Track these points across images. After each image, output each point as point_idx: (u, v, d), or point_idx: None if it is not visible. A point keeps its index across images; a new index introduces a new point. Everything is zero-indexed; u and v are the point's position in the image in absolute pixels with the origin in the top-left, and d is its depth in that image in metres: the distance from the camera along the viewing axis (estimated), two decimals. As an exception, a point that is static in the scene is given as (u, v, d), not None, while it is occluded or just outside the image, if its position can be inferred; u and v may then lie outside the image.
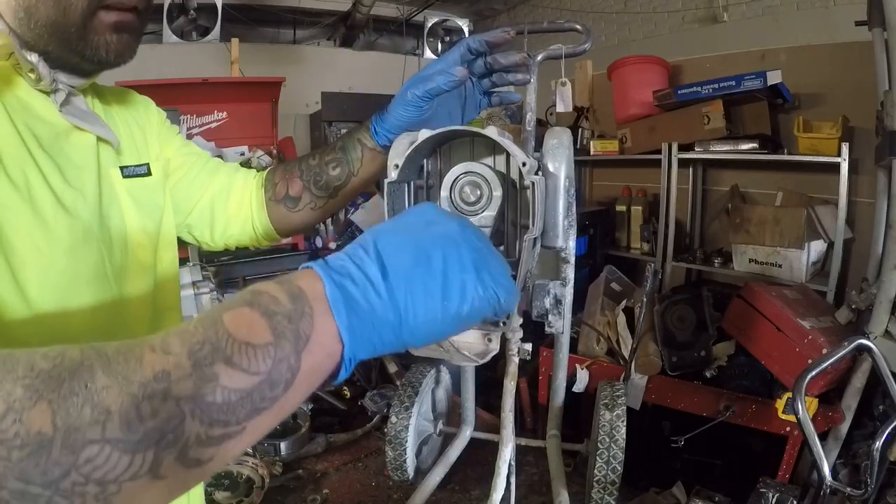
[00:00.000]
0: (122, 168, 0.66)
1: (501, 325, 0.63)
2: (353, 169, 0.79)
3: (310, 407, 1.58)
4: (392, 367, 1.82)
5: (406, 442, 1.22)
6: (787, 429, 1.62)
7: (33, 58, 0.53)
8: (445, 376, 1.45)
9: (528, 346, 0.74)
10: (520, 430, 1.83)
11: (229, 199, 0.82)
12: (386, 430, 1.25)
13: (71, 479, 0.27)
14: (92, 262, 0.57)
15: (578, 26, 0.97)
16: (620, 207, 2.98)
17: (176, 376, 0.30)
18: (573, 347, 1.97)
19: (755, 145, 2.34)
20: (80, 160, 0.59)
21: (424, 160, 0.69)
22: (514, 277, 0.59)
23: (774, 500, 1.07)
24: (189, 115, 2.95)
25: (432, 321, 0.39)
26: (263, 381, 0.33)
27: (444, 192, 0.64)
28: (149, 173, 0.70)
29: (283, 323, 0.35)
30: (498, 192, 0.63)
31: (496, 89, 0.78)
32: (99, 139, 0.62)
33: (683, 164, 2.62)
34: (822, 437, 1.57)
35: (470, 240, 0.43)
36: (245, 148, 3.04)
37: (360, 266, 0.38)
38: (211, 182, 0.80)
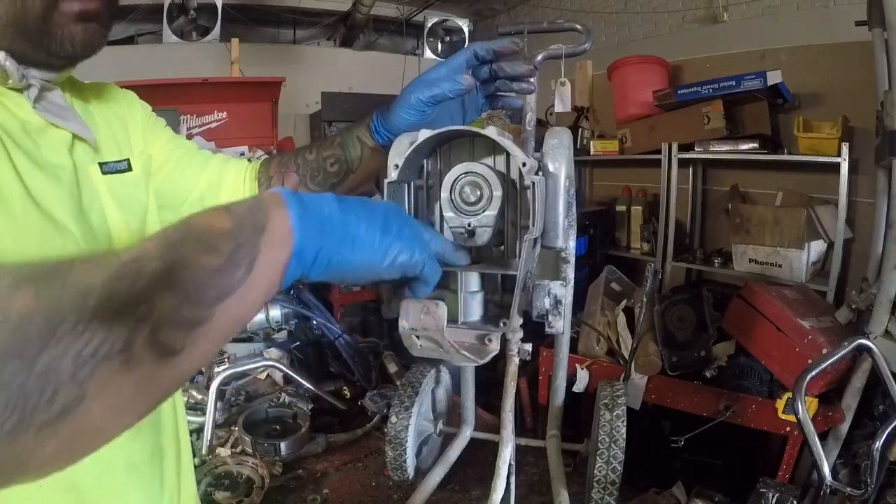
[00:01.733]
0: (101, 164, 0.64)
1: (501, 325, 0.63)
2: (351, 167, 0.78)
3: (310, 407, 1.58)
4: (392, 367, 1.82)
5: (406, 442, 1.22)
6: (787, 429, 1.62)
7: None
8: (445, 376, 1.45)
9: (528, 347, 0.73)
10: (520, 430, 1.83)
11: (220, 193, 0.80)
12: (386, 430, 1.25)
13: (49, 353, 0.28)
14: None
15: (578, 26, 0.97)
16: (620, 207, 2.98)
17: (149, 256, 0.34)
18: (573, 347, 1.97)
19: (755, 145, 2.35)
20: (55, 158, 0.57)
21: (424, 160, 0.69)
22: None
23: (774, 500, 1.07)
24: (189, 115, 2.96)
25: (370, 242, 0.46)
26: (227, 261, 0.36)
27: (444, 193, 0.64)
28: (129, 169, 0.68)
29: (243, 214, 0.40)
30: (498, 193, 0.63)
31: (499, 93, 0.78)
32: (75, 136, 0.60)
33: (683, 164, 2.62)
34: (822, 437, 1.57)
35: (405, 216, 0.52)
36: (245, 148, 3.04)
37: (316, 196, 0.46)
38: (200, 176, 0.79)
